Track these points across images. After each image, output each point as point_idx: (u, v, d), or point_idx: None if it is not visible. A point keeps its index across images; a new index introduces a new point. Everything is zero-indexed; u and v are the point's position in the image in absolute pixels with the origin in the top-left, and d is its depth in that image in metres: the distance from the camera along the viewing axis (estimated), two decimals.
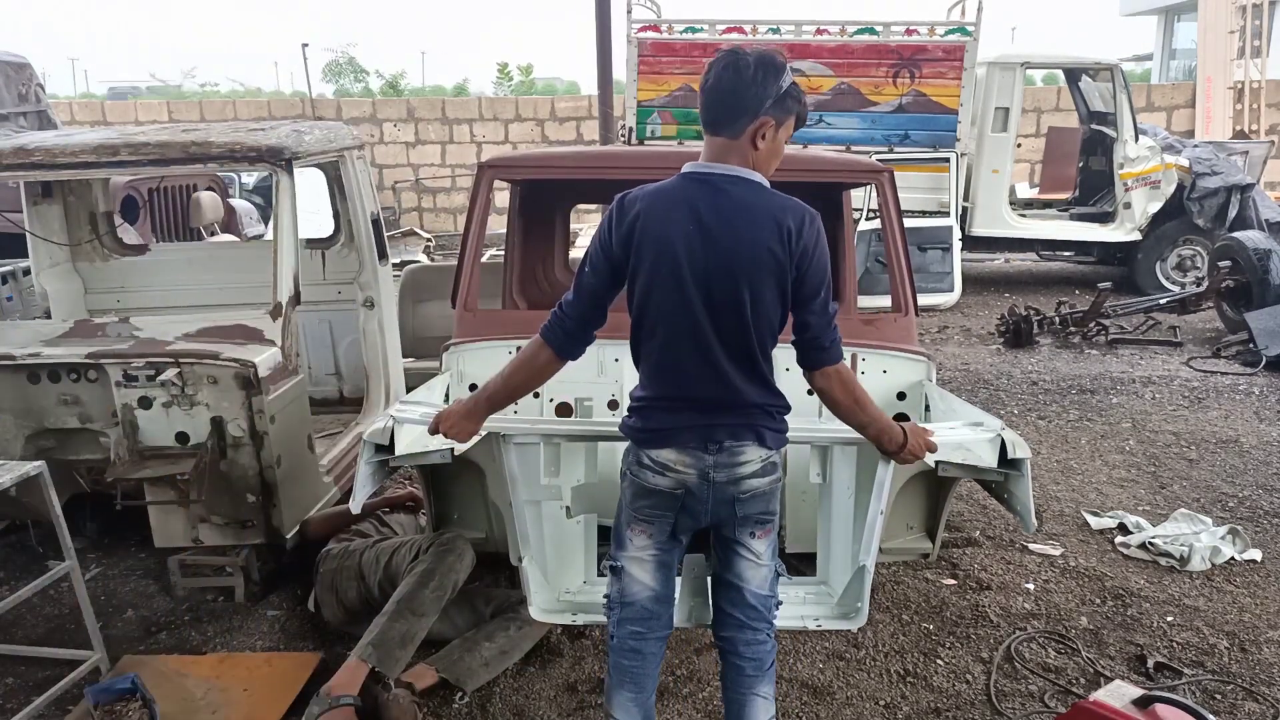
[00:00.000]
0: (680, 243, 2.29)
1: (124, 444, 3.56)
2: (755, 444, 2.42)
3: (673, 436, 2.41)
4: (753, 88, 2.28)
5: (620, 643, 2.58)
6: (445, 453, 2.91)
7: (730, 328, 2.34)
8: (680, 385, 2.40)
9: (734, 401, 2.40)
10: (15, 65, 8.09)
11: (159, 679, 3.23)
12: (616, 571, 2.58)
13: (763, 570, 2.55)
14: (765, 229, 2.28)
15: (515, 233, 4.53)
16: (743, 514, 2.48)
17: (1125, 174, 9.98)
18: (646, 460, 2.45)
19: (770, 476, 2.47)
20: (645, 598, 2.56)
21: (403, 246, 10.83)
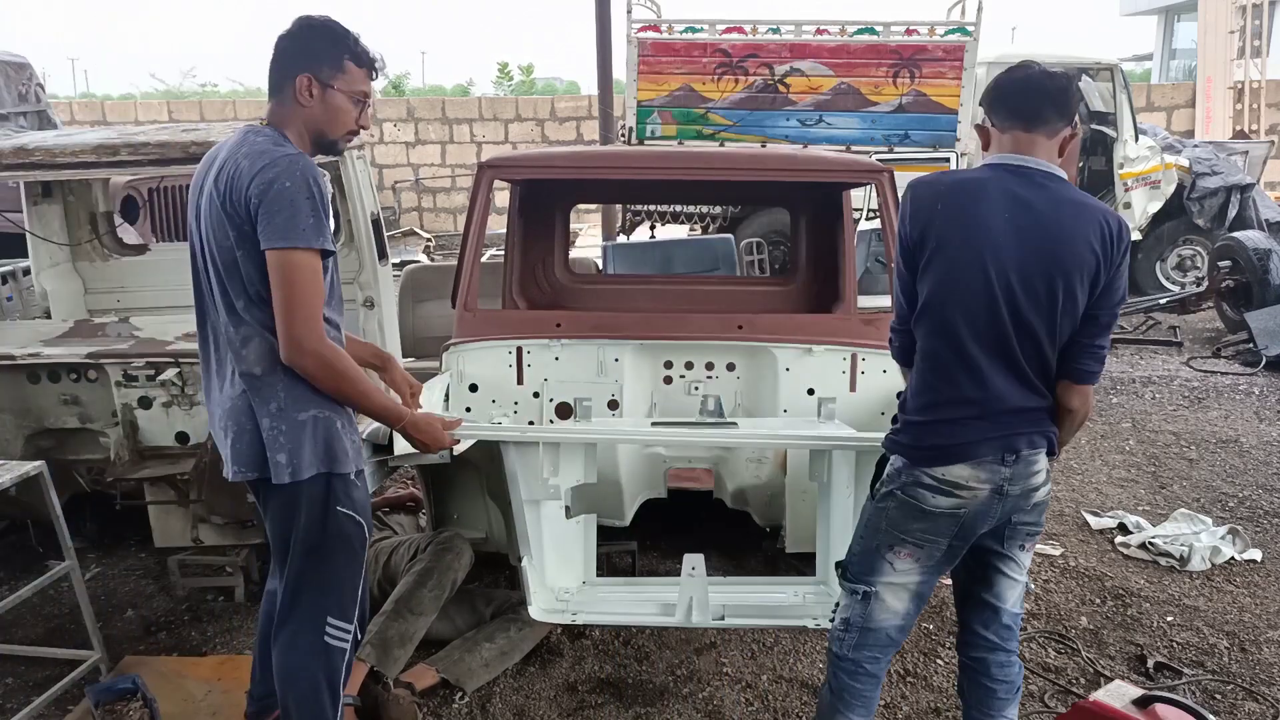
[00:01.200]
0: (996, 228, 2.19)
1: (124, 444, 3.57)
2: (1045, 452, 2.29)
3: (968, 450, 2.23)
4: (1075, 96, 2.31)
5: (856, 666, 2.42)
6: (444, 453, 2.91)
7: (1036, 325, 2.21)
8: (974, 389, 2.24)
9: (1030, 405, 2.27)
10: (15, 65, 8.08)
11: (159, 680, 3.23)
12: (865, 596, 2.38)
13: (1019, 587, 2.41)
14: (1090, 226, 2.20)
15: (515, 233, 4.52)
16: (1021, 522, 2.34)
17: (1125, 174, 9.98)
18: (928, 480, 2.26)
19: (1050, 484, 2.35)
20: (892, 626, 2.39)
21: (403, 246, 10.85)
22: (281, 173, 2.18)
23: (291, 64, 2.31)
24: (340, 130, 2.37)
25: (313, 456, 2.33)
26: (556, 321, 3.80)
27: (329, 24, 2.35)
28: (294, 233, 2.18)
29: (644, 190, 6.83)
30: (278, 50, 2.34)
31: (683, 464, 3.85)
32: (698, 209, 9.78)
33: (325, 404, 2.35)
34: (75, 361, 3.62)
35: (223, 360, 2.38)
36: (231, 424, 2.35)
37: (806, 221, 4.83)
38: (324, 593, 2.44)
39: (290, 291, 2.20)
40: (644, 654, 3.42)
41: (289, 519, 2.38)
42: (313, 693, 2.47)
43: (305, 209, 2.19)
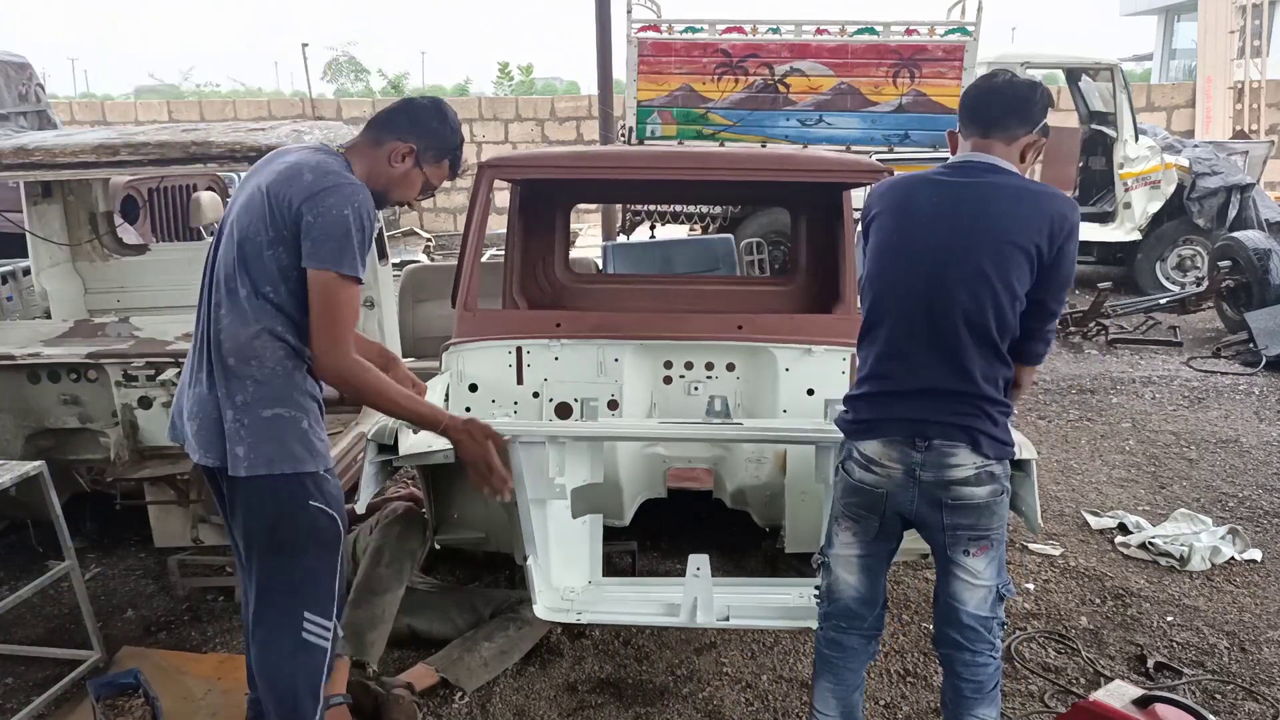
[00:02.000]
0: (924, 216, 2.33)
1: (124, 444, 3.57)
2: (971, 449, 2.31)
3: (880, 427, 2.37)
4: (1038, 104, 2.38)
5: (824, 634, 2.61)
6: (448, 452, 2.91)
7: (965, 309, 2.28)
8: (896, 368, 2.36)
9: (953, 390, 2.32)
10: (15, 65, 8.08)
11: (159, 674, 3.23)
12: (824, 566, 2.59)
13: (980, 591, 2.41)
14: (1030, 211, 2.27)
15: (515, 233, 4.52)
16: (957, 525, 2.35)
17: (1125, 174, 9.98)
18: (856, 454, 2.43)
19: (993, 488, 2.34)
20: (850, 598, 2.54)
21: (403, 246, 10.85)
22: (344, 199, 2.27)
23: (407, 127, 2.44)
24: (398, 198, 2.51)
25: (274, 454, 2.33)
26: (556, 321, 3.80)
27: (457, 123, 2.54)
28: (344, 260, 2.27)
29: (644, 190, 6.83)
30: (403, 108, 2.49)
31: (682, 464, 3.85)
32: (698, 209, 9.78)
33: (291, 403, 2.37)
34: (75, 361, 3.62)
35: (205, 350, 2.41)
36: (199, 410, 2.38)
37: (806, 221, 4.83)
38: (299, 589, 2.44)
39: (331, 314, 2.30)
40: (644, 654, 3.42)
41: (258, 515, 2.39)
42: (291, 693, 2.47)
43: (355, 240, 2.28)
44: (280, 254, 2.29)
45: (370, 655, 3.10)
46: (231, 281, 2.34)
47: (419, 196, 2.53)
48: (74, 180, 4.71)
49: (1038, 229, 2.25)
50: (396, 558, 3.30)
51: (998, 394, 2.35)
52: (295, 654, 2.45)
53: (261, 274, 2.31)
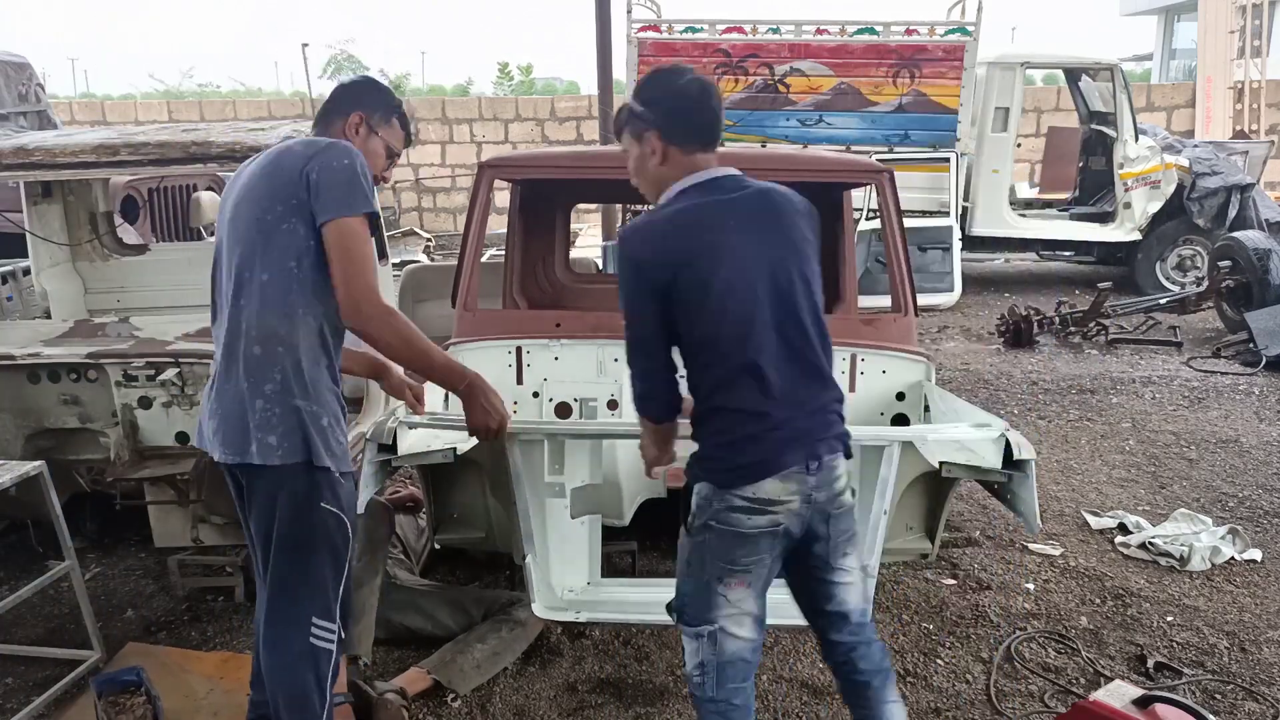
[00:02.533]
0: (726, 242, 2.23)
1: (124, 444, 3.57)
2: (844, 455, 2.30)
3: (772, 464, 2.20)
4: None
5: (725, 704, 2.31)
6: (448, 452, 2.91)
7: (800, 312, 2.27)
8: (767, 401, 2.21)
9: (825, 401, 2.29)
10: (15, 65, 8.08)
11: (162, 671, 3.23)
12: (711, 636, 2.29)
13: (857, 586, 2.38)
14: (790, 202, 2.34)
15: (515, 232, 4.53)
16: (838, 533, 2.32)
17: (1125, 174, 9.98)
18: (740, 502, 2.21)
19: (849, 488, 2.36)
20: (746, 650, 2.31)
21: (403, 246, 10.84)
22: (342, 151, 2.35)
23: (348, 104, 2.53)
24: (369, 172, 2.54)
25: (303, 443, 2.33)
26: (556, 321, 3.81)
27: (387, 87, 2.67)
28: (355, 202, 2.32)
29: None
30: (337, 92, 2.59)
31: (682, 464, 3.85)
32: None
33: (316, 398, 2.37)
34: (75, 361, 3.62)
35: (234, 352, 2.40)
36: (220, 407, 2.38)
37: None
38: (308, 592, 2.44)
39: (352, 256, 2.31)
40: (644, 654, 3.42)
41: (278, 506, 2.38)
42: (303, 696, 2.47)
43: (362, 183, 2.34)
44: (295, 225, 2.32)
45: (361, 649, 3.12)
46: (248, 270, 2.35)
47: (385, 166, 2.58)
48: (74, 180, 4.71)
49: (808, 218, 2.36)
50: (367, 550, 3.31)
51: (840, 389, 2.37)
52: (303, 656, 2.45)
53: (282, 251, 2.32)
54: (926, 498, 3.44)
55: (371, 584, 3.25)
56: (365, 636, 3.16)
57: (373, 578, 3.27)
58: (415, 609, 3.46)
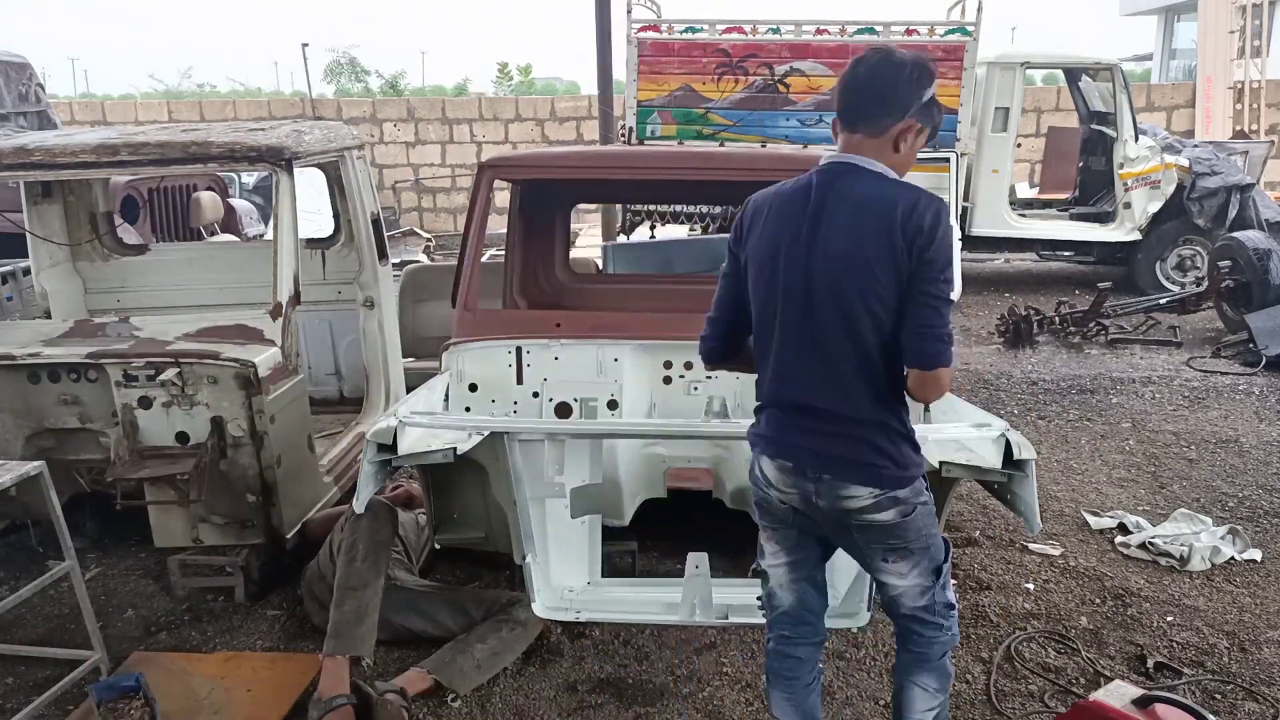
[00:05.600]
0: (787, 229, 2.22)
1: (124, 444, 3.56)
2: (862, 484, 2.21)
3: (770, 445, 2.35)
4: (908, 85, 2.15)
5: (772, 645, 2.58)
6: (448, 452, 2.91)
7: (842, 319, 2.16)
8: (782, 387, 2.31)
9: (843, 414, 2.22)
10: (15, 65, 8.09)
11: (165, 676, 3.24)
12: (763, 576, 2.55)
13: (911, 590, 2.36)
14: (887, 211, 2.11)
15: (515, 233, 4.53)
16: (870, 543, 2.31)
17: (1125, 174, 9.97)
18: (757, 470, 2.40)
19: (901, 509, 2.23)
20: (789, 605, 2.52)
21: (403, 246, 10.84)
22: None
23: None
24: None
25: None
26: (556, 321, 3.80)
27: None
28: None
29: (644, 190, 6.83)
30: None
31: (682, 463, 3.85)
32: (698, 209, 9.78)
33: None
34: (75, 361, 3.62)
35: None
36: None
37: None
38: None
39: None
40: (644, 654, 3.42)
41: None
42: None
43: None
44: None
45: (363, 650, 3.12)
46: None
47: None
48: (74, 180, 4.71)
49: (899, 226, 2.09)
50: (371, 550, 3.31)
51: (889, 416, 2.23)
52: None
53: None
54: None
55: (375, 585, 3.25)
56: (368, 637, 3.16)
57: (376, 579, 3.27)
58: (415, 610, 3.46)
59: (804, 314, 2.21)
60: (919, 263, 2.10)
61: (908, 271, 2.11)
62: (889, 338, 2.16)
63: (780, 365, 2.28)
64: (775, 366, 2.29)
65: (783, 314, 2.25)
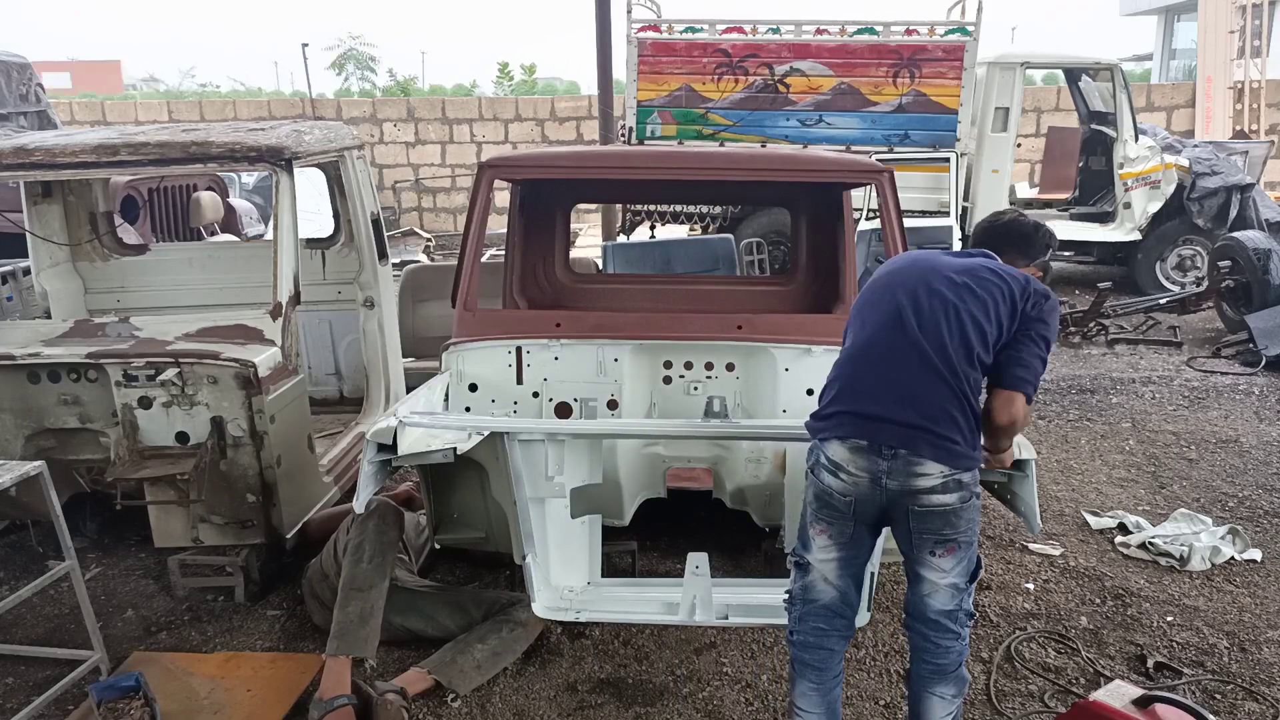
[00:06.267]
0: None
1: (124, 444, 3.56)
2: (935, 461, 2.41)
3: (842, 428, 2.48)
4: (1039, 243, 2.83)
5: (803, 638, 2.62)
6: (448, 452, 2.91)
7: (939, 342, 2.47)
8: (876, 381, 2.50)
9: (932, 406, 2.44)
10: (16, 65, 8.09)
11: (165, 676, 3.24)
12: (802, 567, 2.61)
13: (946, 589, 2.52)
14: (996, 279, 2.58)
15: (515, 233, 4.52)
16: (924, 530, 2.47)
17: (1125, 174, 9.97)
18: (823, 460, 2.51)
19: (961, 494, 2.45)
20: (830, 599, 2.59)
21: (403, 246, 10.84)
22: None
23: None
24: None
25: None
26: (556, 321, 3.80)
27: None
28: None
29: (644, 190, 6.83)
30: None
31: (682, 463, 3.85)
32: (698, 209, 9.79)
33: None
34: (75, 361, 3.62)
35: None
36: None
37: (806, 221, 4.83)
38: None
39: None
40: (644, 654, 3.42)
41: None
42: None
43: None
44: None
45: (367, 651, 3.12)
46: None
47: None
48: (74, 180, 4.71)
49: (1005, 294, 2.52)
50: (377, 552, 3.31)
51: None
52: None
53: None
54: None
55: (380, 586, 3.25)
56: (372, 639, 3.16)
57: (381, 580, 3.27)
58: (415, 610, 3.46)
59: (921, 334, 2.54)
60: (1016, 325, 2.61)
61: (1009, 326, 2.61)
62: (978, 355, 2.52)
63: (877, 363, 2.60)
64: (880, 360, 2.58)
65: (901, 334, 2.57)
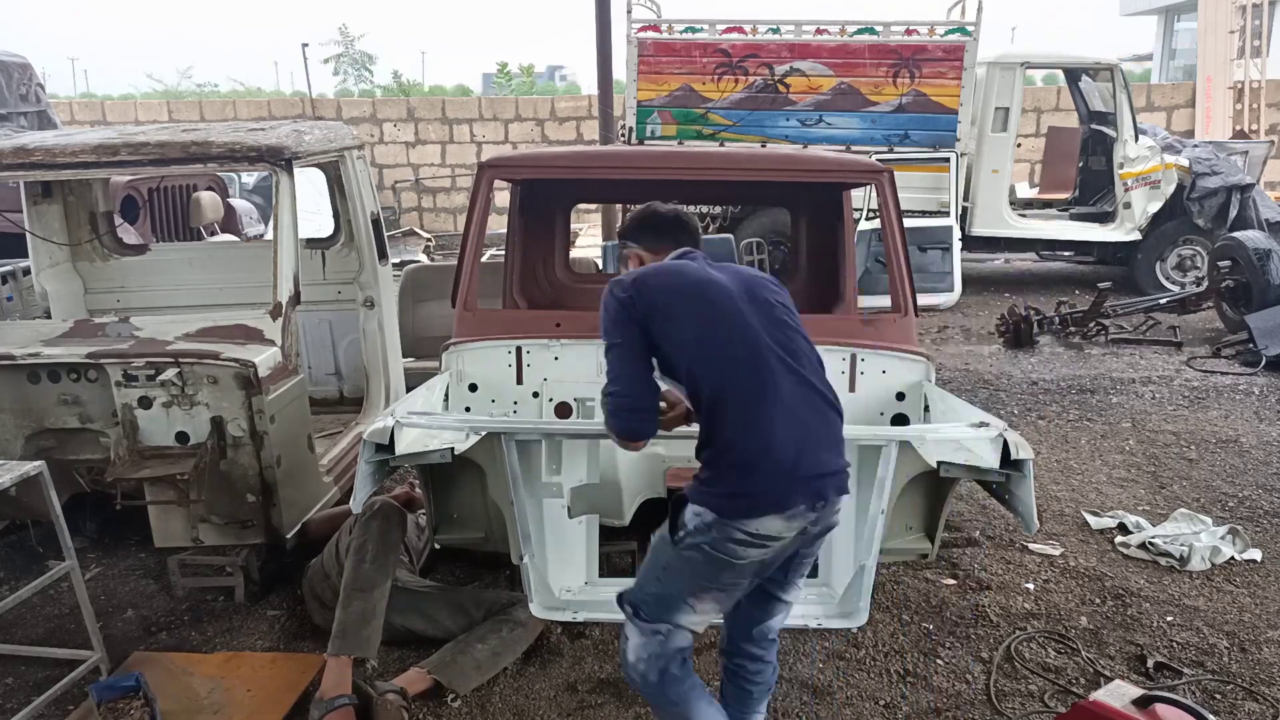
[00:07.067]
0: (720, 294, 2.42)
1: (124, 444, 3.56)
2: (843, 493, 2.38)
3: (780, 502, 2.24)
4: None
5: (670, 678, 2.40)
6: (445, 452, 2.91)
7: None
8: (772, 437, 2.28)
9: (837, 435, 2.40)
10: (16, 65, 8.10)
11: (165, 676, 3.24)
12: (665, 634, 2.38)
13: (789, 609, 2.55)
14: None
15: (515, 233, 4.53)
16: (806, 555, 2.46)
17: (1125, 174, 9.97)
18: (740, 535, 2.24)
19: None
20: (689, 640, 2.44)
21: (403, 246, 10.84)
22: None
23: None
24: None
25: None
26: (556, 321, 3.80)
27: None
28: None
29: (644, 190, 6.82)
30: None
31: (682, 463, 3.85)
32: (698, 209, 9.79)
33: None
34: (75, 361, 3.62)
35: None
36: None
37: (806, 221, 4.83)
38: None
39: None
40: None
41: None
42: None
43: None
44: None
45: (368, 651, 3.13)
46: None
47: None
48: (74, 180, 4.71)
49: None
50: (380, 553, 3.31)
51: None
52: None
53: None
54: (926, 498, 3.44)
55: (383, 587, 3.26)
56: (374, 639, 3.16)
57: (384, 580, 3.27)
58: (415, 610, 3.46)
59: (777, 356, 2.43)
60: None
61: None
62: None
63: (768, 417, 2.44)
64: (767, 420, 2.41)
65: (755, 368, 2.43)
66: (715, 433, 2.28)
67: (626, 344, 2.33)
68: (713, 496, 2.27)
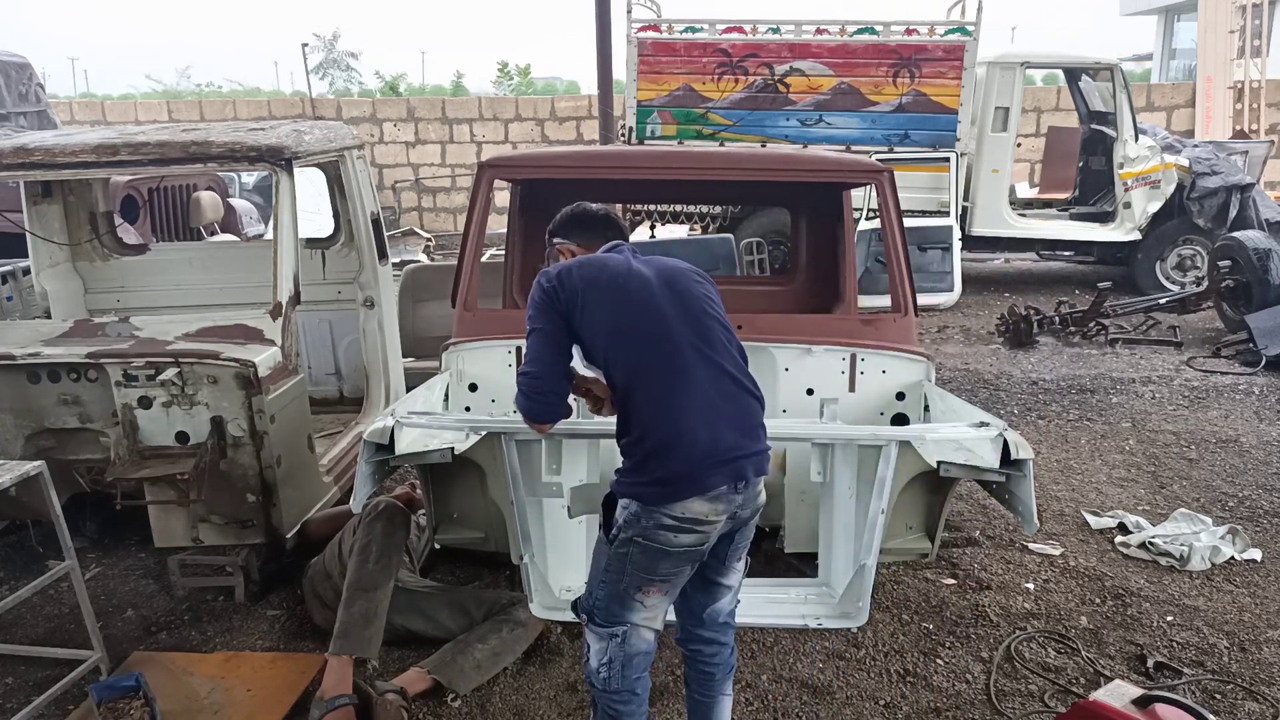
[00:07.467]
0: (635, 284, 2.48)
1: (124, 444, 3.56)
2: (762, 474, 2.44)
3: (701, 484, 2.30)
4: None
5: (628, 693, 2.46)
6: (445, 452, 2.91)
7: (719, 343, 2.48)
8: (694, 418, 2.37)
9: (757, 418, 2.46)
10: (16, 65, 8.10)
11: (165, 676, 3.24)
12: (622, 637, 2.42)
13: (734, 590, 2.59)
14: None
15: (515, 233, 4.53)
16: (743, 540, 2.50)
17: (1125, 174, 9.97)
18: (669, 520, 2.30)
19: None
20: (649, 644, 2.48)
21: (403, 246, 10.83)
22: None
23: None
24: None
25: None
26: None
27: None
28: None
29: (644, 190, 6.83)
30: None
31: None
32: (698, 209, 9.79)
33: None
34: (75, 361, 3.62)
35: None
36: None
37: (806, 221, 4.83)
38: None
39: None
40: None
41: None
42: None
43: None
44: None
45: (370, 651, 3.13)
46: None
47: None
48: (74, 180, 4.71)
49: None
50: (384, 553, 3.31)
51: None
52: None
53: None
54: (926, 497, 3.44)
55: (385, 587, 3.26)
56: (375, 639, 3.16)
57: (387, 581, 3.27)
58: (416, 610, 3.46)
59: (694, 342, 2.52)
60: None
61: None
62: None
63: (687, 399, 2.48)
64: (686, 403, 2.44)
65: (673, 353, 2.51)
66: (631, 419, 2.38)
67: (546, 331, 2.44)
68: (634, 486, 2.34)
